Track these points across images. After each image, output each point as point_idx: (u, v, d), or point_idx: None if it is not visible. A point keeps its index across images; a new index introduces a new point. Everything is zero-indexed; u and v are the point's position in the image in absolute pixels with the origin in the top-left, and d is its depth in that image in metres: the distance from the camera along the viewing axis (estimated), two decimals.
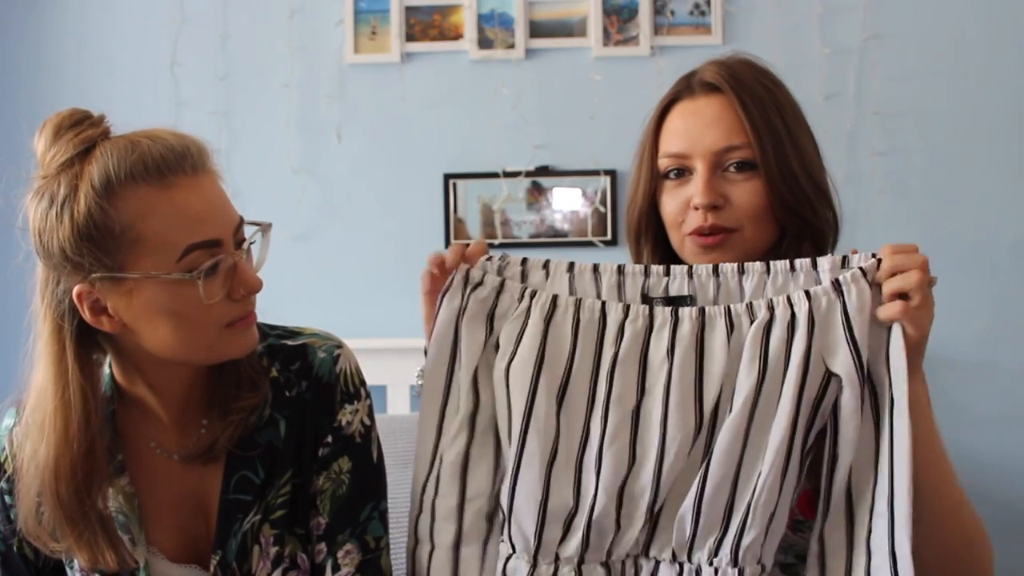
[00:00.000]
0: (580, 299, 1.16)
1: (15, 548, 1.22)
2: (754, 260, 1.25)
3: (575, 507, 1.15)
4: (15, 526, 1.20)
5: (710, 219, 1.23)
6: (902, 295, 1.08)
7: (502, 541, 1.18)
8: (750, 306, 1.11)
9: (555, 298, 1.16)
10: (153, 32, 2.64)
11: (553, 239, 2.61)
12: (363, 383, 1.27)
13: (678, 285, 1.16)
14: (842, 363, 1.08)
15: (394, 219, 2.64)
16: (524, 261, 1.19)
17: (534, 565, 1.15)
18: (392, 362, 2.46)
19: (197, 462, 1.20)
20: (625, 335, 1.14)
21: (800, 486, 1.14)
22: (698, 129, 1.25)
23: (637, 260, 1.36)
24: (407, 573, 1.23)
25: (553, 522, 1.15)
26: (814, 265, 1.11)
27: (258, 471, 1.20)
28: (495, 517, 1.20)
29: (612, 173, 2.58)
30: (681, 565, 1.13)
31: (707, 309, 1.12)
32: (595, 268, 1.18)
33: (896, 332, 1.08)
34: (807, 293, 1.09)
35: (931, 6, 2.57)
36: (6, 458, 1.21)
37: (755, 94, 1.25)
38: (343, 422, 1.23)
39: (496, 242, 2.60)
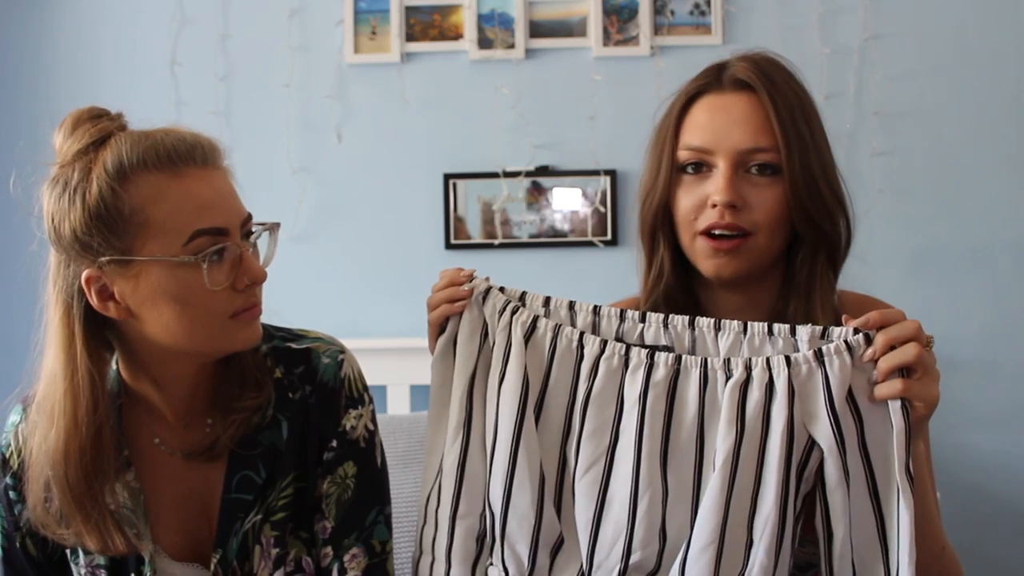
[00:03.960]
0: (559, 324, 1.14)
1: (18, 544, 1.23)
2: (764, 268, 1.24)
3: (561, 533, 1.13)
4: (19, 522, 1.21)
5: (728, 217, 1.20)
6: (902, 370, 1.03)
7: (491, 564, 1.16)
8: (727, 362, 1.08)
9: (535, 319, 1.15)
10: (153, 32, 2.64)
11: (553, 239, 2.61)
12: (366, 388, 1.28)
13: (653, 333, 1.13)
14: (823, 433, 1.05)
15: (394, 219, 2.64)
16: (502, 290, 1.18)
17: None
18: (392, 362, 2.46)
19: (199, 460, 1.20)
20: (600, 371, 1.12)
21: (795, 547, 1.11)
22: (725, 125, 1.22)
23: (650, 257, 1.31)
24: None
25: (544, 547, 1.13)
26: (792, 332, 1.08)
27: (260, 471, 1.21)
28: (484, 540, 1.17)
29: (612, 173, 2.58)
30: None
31: (683, 358, 1.10)
32: (571, 305, 1.16)
33: (896, 410, 1.04)
34: (787, 359, 1.06)
35: (931, 6, 2.57)
36: (11, 454, 1.22)
37: (786, 98, 1.22)
38: (347, 427, 1.24)
39: (496, 242, 2.60)
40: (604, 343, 1.12)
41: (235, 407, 1.19)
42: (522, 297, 1.17)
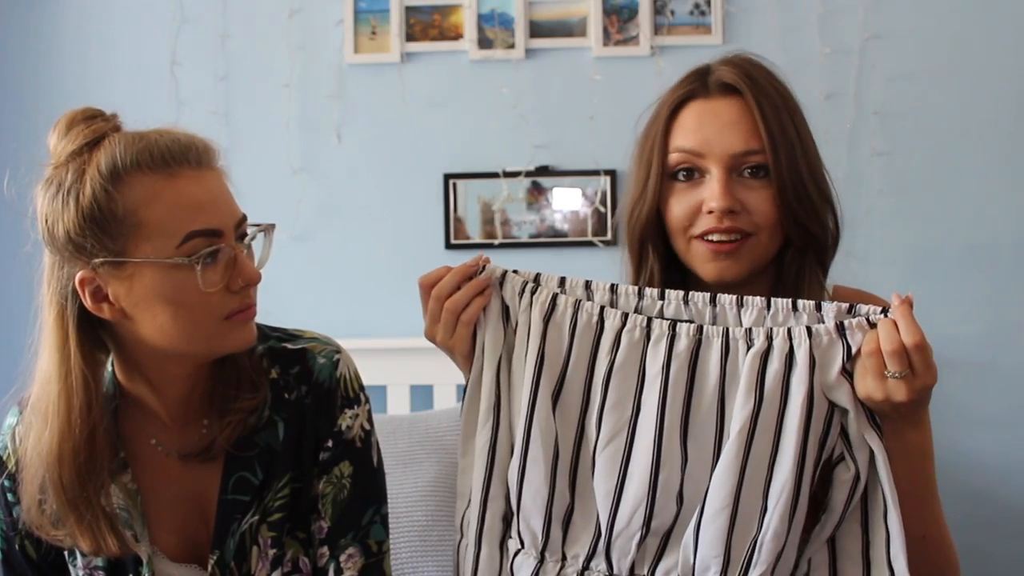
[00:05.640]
0: (579, 300, 1.16)
1: (16, 546, 1.23)
2: (762, 269, 1.24)
3: (571, 506, 1.15)
4: (17, 523, 1.21)
5: (726, 222, 1.21)
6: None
7: (510, 538, 1.19)
8: (748, 332, 1.11)
9: (555, 297, 1.17)
10: (153, 32, 2.63)
11: (553, 239, 2.61)
12: (362, 388, 1.28)
13: (673, 310, 1.15)
14: (845, 398, 1.08)
15: (394, 219, 2.64)
16: (516, 272, 1.19)
17: (541, 561, 1.16)
18: (392, 362, 2.46)
19: (196, 461, 1.20)
20: (622, 344, 1.14)
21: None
22: (715, 130, 1.22)
23: (638, 268, 1.31)
24: (453, 570, 1.24)
25: (557, 520, 1.15)
26: (818, 307, 1.10)
27: (256, 472, 1.21)
28: (508, 519, 1.20)
29: (612, 173, 2.58)
30: None
31: (704, 328, 1.12)
32: (587, 284, 1.17)
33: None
34: (808, 329, 1.08)
35: (931, 6, 2.56)
36: (8, 456, 1.22)
37: (772, 100, 1.23)
38: (343, 427, 1.24)
39: (496, 242, 2.60)
40: (625, 316, 1.14)
41: (231, 408, 1.19)
42: (537, 278, 1.19)
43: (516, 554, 1.18)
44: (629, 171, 1.32)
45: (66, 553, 1.23)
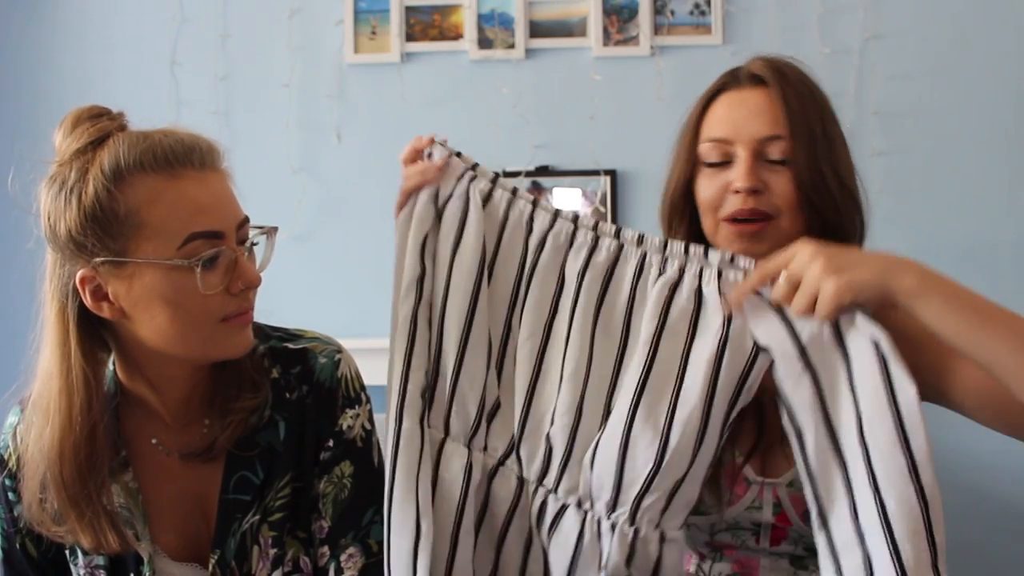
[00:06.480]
0: (513, 192, 1.19)
1: (17, 544, 1.23)
2: None
3: (498, 398, 1.18)
4: (18, 522, 1.21)
5: (750, 203, 1.24)
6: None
7: (430, 427, 1.19)
8: (664, 261, 1.14)
9: (492, 188, 1.19)
10: (153, 32, 2.64)
11: None
12: (363, 388, 1.28)
13: (607, 247, 1.17)
14: (770, 332, 1.08)
15: (394, 219, 2.63)
16: (459, 155, 1.21)
17: (470, 452, 1.18)
18: None
19: (197, 460, 1.20)
20: (546, 246, 1.17)
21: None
22: (742, 117, 1.26)
23: None
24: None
25: (488, 411, 1.18)
26: (705, 255, 1.13)
27: (257, 472, 1.21)
28: (427, 395, 1.20)
29: (612, 173, 2.58)
30: (585, 513, 1.14)
31: (624, 247, 1.15)
32: (514, 192, 1.19)
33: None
34: (719, 272, 1.11)
35: (931, 6, 2.56)
36: (9, 455, 1.22)
37: (798, 91, 1.27)
38: (344, 427, 1.24)
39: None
40: (554, 218, 1.18)
41: (232, 408, 1.19)
42: (475, 167, 1.21)
43: (443, 443, 1.19)
44: (669, 160, 1.37)
45: (67, 552, 1.23)
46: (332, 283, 2.64)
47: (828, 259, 1.02)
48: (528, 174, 2.60)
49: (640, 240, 1.15)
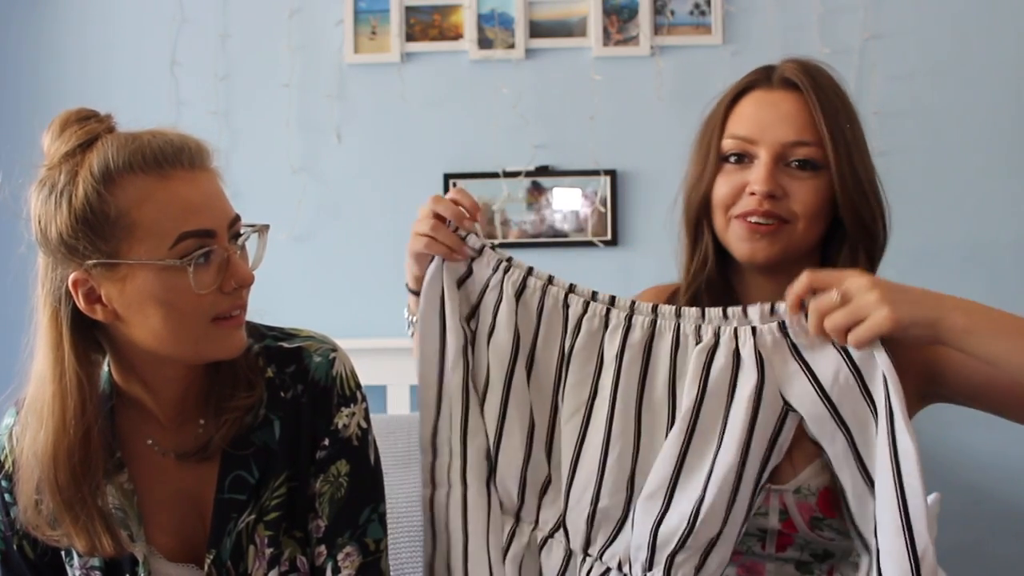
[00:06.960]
0: (548, 280, 1.23)
1: (14, 546, 1.23)
2: (798, 258, 1.26)
3: (549, 474, 1.23)
4: (14, 524, 1.21)
5: (766, 206, 1.24)
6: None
7: (495, 489, 1.25)
8: (698, 329, 1.16)
9: (526, 277, 1.23)
10: (153, 32, 2.64)
11: (553, 239, 2.61)
12: (359, 386, 1.27)
13: (640, 324, 1.20)
14: (801, 392, 1.12)
15: (394, 219, 2.63)
16: (493, 248, 1.25)
17: (516, 522, 1.24)
18: (392, 362, 2.45)
19: (192, 460, 1.20)
20: (581, 331, 1.21)
21: (816, 491, 1.17)
22: (770, 119, 1.26)
23: (693, 246, 1.34)
24: (424, 523, 1.29)
25: (532, 486, 1.23)
26: (745, 313, 1.15)
27: (252, 471, 1.21)
28: (491, 458, 1.25)
29: (612, 173, 2.58)
30: (624, 575, 1.18)
31: (658, 322, 1.18)
32: (550, 279, 1.23)
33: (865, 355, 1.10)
34: (753, 329, 1.14)
35: (931, 6, 2.56)
36: (5, 457, 1.22)
37: (831, 100, 1.26)
38: (340, 425, 1.24)
39: (496, 242, 2.59)
40: (587, 304, 1.21)
41: (227, 407, 1.19)
42: (510, 259, 1.25)
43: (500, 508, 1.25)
44: (689, 155, 1.36)
45: (63, 553, 1.22)
46: (332, 283, 2.64)
47: (886, 290, 1.07)
48: (528, 174, 2.60)
49: (678, 313, 1.18)
